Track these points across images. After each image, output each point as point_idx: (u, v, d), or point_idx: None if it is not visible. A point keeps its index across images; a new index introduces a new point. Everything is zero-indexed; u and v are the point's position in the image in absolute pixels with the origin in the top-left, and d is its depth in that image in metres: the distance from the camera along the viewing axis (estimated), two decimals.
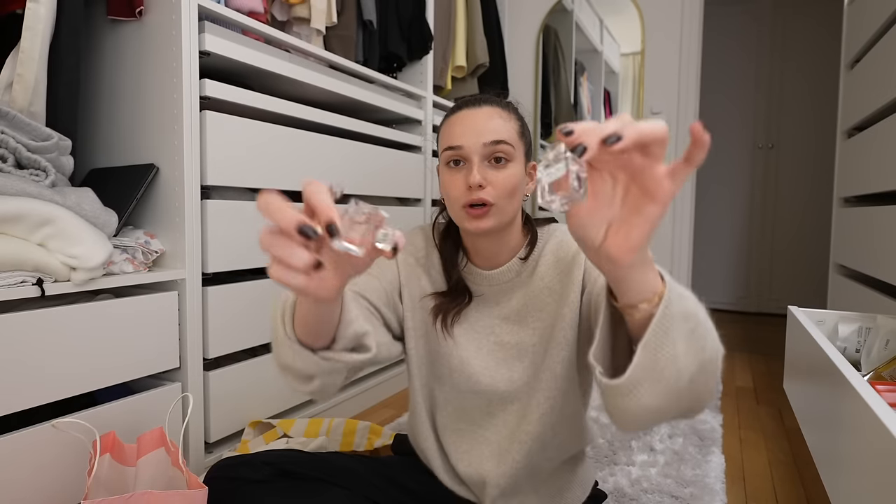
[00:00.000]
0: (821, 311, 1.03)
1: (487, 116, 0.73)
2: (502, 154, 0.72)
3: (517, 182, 0.73)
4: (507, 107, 0.76)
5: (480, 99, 0.76)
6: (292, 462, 0.84)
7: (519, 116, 0.78)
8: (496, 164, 0.73)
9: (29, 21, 0.97)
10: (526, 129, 0.79)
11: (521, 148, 0.75)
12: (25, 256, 0.87)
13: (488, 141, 0.71)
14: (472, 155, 0.72)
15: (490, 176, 0.72)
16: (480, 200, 0.71)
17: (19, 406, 0.86)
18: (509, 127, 0.74)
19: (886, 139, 1.20)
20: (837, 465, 0.67)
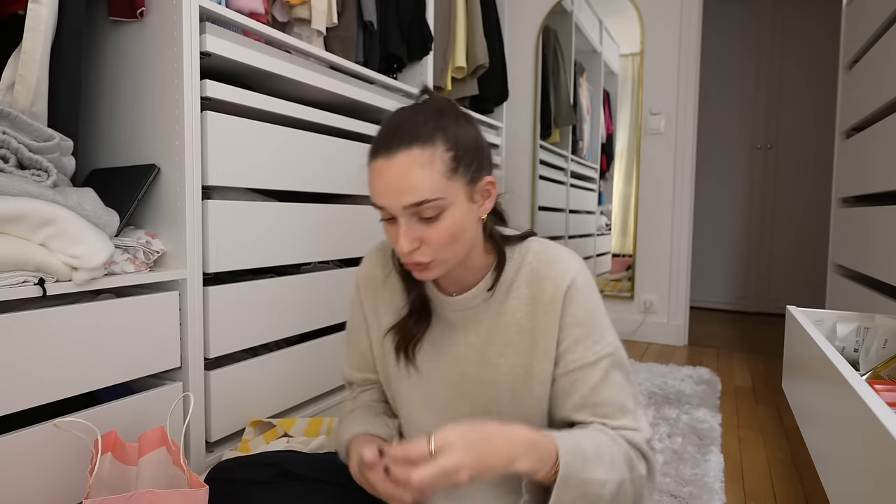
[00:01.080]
0: (819, 310, 1.04)
1: (403, 171, 0.62)
2: (429, 210, 0.63)
3: (456, 229, 0.65)
4: (428, 142, 0.63)
5: (395, 141, 0.63)
6: (293, 463, 0.84)
7: (450, 144, 0.64)
8: (427, 221, 0.64)
9: (30, 22, 0.98)
10: (464, 152, 0.65)
11: (458, 184, 0.64)
12: (27, 256, 0.88)
13: (408, 203, 0.62)
14: (395, 214, 0.64)
15: (422, 234, 0.64)
16: (417, 262, 0.66)
17: (21, 405, 0.86)
18: (432, 174, 0.62)
19: (885, 140, 1.20)
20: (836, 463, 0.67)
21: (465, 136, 0.66)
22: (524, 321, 0.71)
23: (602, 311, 0.71)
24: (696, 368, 2.01)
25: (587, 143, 2.72)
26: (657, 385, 1.80)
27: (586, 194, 2.75)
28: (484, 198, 0.70)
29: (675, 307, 2.48)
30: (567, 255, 0.73)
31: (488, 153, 0.71)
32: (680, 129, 2.43)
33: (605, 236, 2.70)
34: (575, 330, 0.68)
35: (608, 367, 0.68)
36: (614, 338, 0.71)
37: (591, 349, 0.68)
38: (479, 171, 0.68)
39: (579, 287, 0.69)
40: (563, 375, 0.69)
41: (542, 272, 0.71)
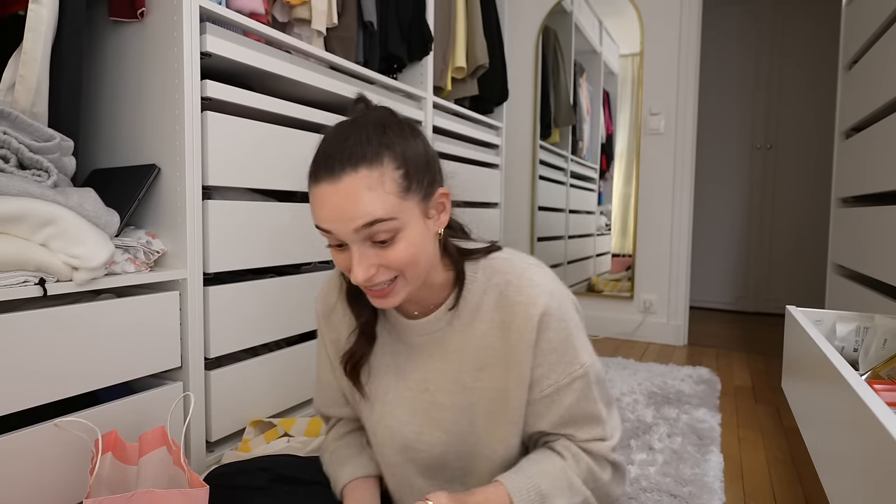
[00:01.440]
0: (819, 310, 1.04)
1: (350, 194, 0.57)
2: (382, 233, 0.58)
3: (415, 248, 0.60)
4: (376, 161, 0.58)
5: (338, 163, 0.58)
6: (288, 467, 0.84)
7: (398, 161, 0.59)
8: (381, 244, 0.59)
9: (31, 22, 0.98)
10: (415, 168, 0.61)
11: (411, 203, 0.60)
12: (28, 256, 0.88)
13: (359, 226, 0.57)
14: (345, 240, 0.59)
15: (378, 258, 0.60)
16: (378, 289, 0.61)
17: (22, 405, 0.86)
18: (383, 195, 0.57)
19: (884, 140, 1.20)
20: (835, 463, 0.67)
21: (413, 150, 0.61)
22: (497, 345, 0.68)
23: (577, 329, 0.69)
24: (696, 368, 2.01)
25: (587, 144, 2.72)
26: (657, 385, 1.80)
27: (586, 194, 2.75)
28: (439, 211, 0.66)
29: (675, 307, 2.48)
30: (537, 275, 0.67)
31: (439, 164, 0.67)
32: (680, 130, 2.43)
33: (604, 236, 2.71)
34: (549, 356, 0.67)
35: (582, 386, 0.68)
36: (589, 356, 0.70)
37: (564, 372, 0.67)
38: (432, 185, 0.64)
39: (553, 313, 0.66)
40: (538, 399, 0.68)
41: (512, 296, 0.66)
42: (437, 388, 0.71)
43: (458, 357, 0.70)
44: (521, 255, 0.72)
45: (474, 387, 0.69)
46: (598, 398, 0.70)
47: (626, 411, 1.56)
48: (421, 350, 0.72)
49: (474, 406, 0.70)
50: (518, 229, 2.81)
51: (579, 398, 0.68)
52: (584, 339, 0.70)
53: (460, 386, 0.70)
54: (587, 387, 0.69)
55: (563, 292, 0.69)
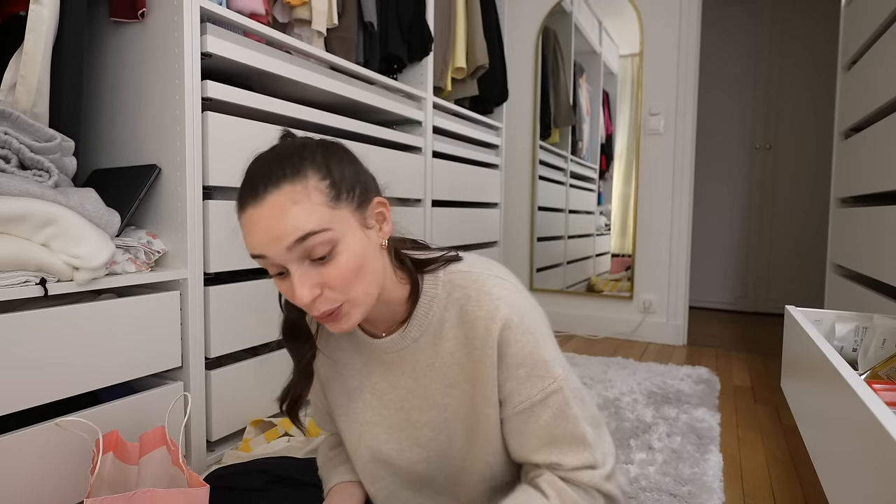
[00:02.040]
0: (818, 310, 1.04)
1: (276, 212, 0.54)
2: (319, 246, 0.55)
3: (357, 262, 0.57)
4: (298, 175, 0.56)
5: (260, 185, 0.56)
6: (286, 469, 0.85)
7: (322, 172, 0.57)
8: (321, 261, 0.56)
9: (32, 23, 0.98)
10: (341, 176, 0.58)
11: (344, 212, 0.57)
12: (29, 256, 0.88)
13: (291, 243, 0.54)
14: (283, 263, 0.56)
15: (319, 277, 0.57)
16: (325, 312, 0.58)
17: (23, 405, 0.86)
18: (311, 206, 0.55)
19: (883, 140, 1.21)
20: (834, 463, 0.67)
21: (337, 163, 0.59)
22: (463, 362, 0.65)
23: (545, 341, 0.64)
24: (696, 368, 2.01)
25: (587, 144, 2.72)
26: (656, 385, 1.80)
27: (586, 194, 2.75)
28: (379, 221, 0.63)
29: (675, 307, 2.49)
30: (497, 287, 0.64)
31: (372, 178, 0.64)
32: (679, 130, 2.44)
33: (604, 236, 2.71)
34: (517, 371, 0.62)
35: (559, 402, 0.62)
36: (561, 368, 0.64)
37: (536, 387, 0.62)
38: (365, 194, 0.60)
39: (514, 326, 0.62)
40: (512, 416, 0.64)
41: (472, 311, 0.63)
42: (412, 406, 0.68)
43: (428, 374, 0.67)
44: (483, 265, 0.68)
45: (446, 404, 0.67)
46: (580, 417, 0.64)
47: (626, 411, 1.56)
48: (393, 368, 0.69)
49: (448, 423, 0.67)
50: (518, 229, 2.81)
51: (557, 416, 0.62)
52: (554, 352, 0.65)
53: (432, 403, 0.67)
54: (564, 403, 0.63)
55: (526, 303, 0.65)
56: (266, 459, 0.88)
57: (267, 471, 0.83)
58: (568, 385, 0.64)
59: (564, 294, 2.74)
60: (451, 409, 0.67)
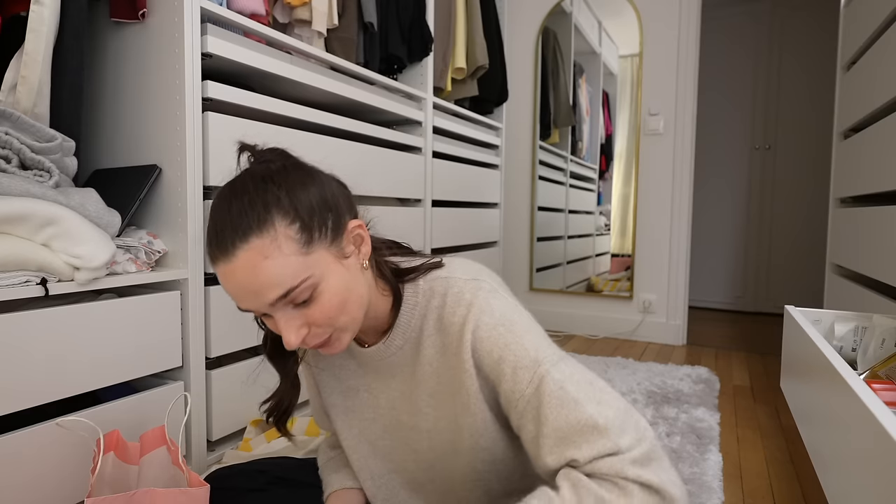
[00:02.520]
0: (817, 310, 1.04)
1: (250, 271, 0.53)
2: (301, 294, 0.55)
3: (340, 298, 0.57)
4: (264, 226, 0.53)
5: (227, 240, 0.53)
6: (286, 469, 0.85)
7: (290, 216, 0.54)
8: (304, 304, 0.56)
9: (33, 23, 0.98)
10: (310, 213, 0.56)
11: (319, 253, 0.56)
12: (29, 256, 0.88)
13: (273, 300, 0.54)
14: (265, 312, 0.56)
15: (304, 318, 0.57)
16: (315, 345, 0.59)
17: (24, 404, 0.86)
18: (284, 260, 0.53)
19: (882, 140, 1.21)
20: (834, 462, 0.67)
21: (304, 196, 0.56)
22: (441, 370, 0.63)
23: (522, 329, 0.59)
24: (695, 368, 2.01)
25: (586, 144, 2.72)
26: (656, 384, 1.80)
27: (585, 194, 2.75)
28: (357, 244, 0.61)
29: (674, 307, 2.49)
30: (470, 292, 0.61)
31: (343, 198, 0.61)
32: (679, 130, 2.44)
33: (604, 236, 2.71)
34: (502, 367, 0.58)
35: (553, 388, 0.56)
36: (546, 352, 0.58)
37: (525, 379, 0.57)
38: (338, 223, 0.58)
39: (484, 325, 0.59)
40: (520, 419, 0.58)
41: (447, 318, 0.62)
42: (402, 409, 0.68)
43: (413, 382, 0.67)
44: (462, 269, 0.65)
45: (427, 413, 0.66)
46: (584, 399, 0.55)
47: None
48: (384, 373, 0.69)
49: (431, 433, 0.66)
50: (518, 229, 2.82)
51: (556, 405, 0.55)
52: (535, 339, 0.59)
53: (417, 410, 0.67)
54: (559, 388, 0.56)
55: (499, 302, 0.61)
56: (266, 460, 0.88)
57: (267, 471, 0.83)
58: (559, 368, 0.57)
59: (564, 294, 2.75)
60: (432, 420, 0.66)
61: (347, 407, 0.74)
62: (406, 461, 0.70)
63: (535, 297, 2.78)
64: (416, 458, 0.69)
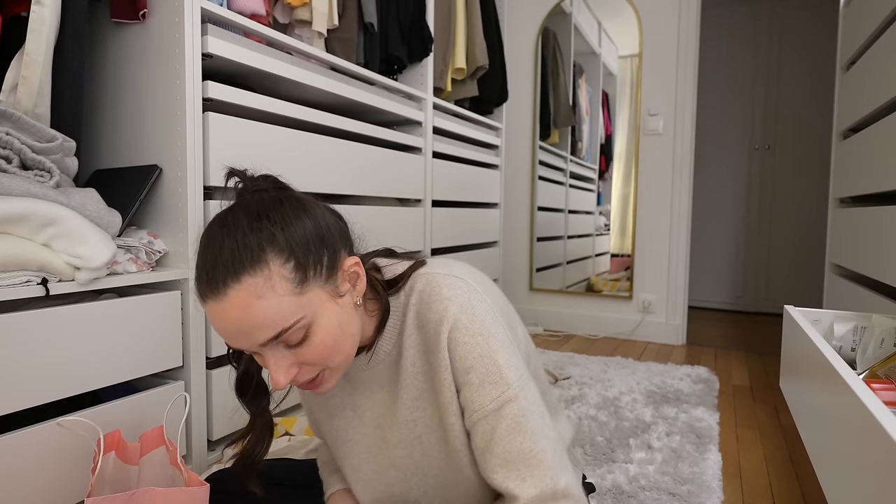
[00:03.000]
0: (817, 310, 1.04)
1: (241, 311, 0.51)
2: (293, 335, 0.54)
3: (333, 337, 0.56)
4: (258, 265, 0.51)
5: (219, 278, 0.51)
6: (282, 471, 0.85)
7: (284, 254, 0.53)
8: (295, 346, 0.55)
9: (33, 24, 0.98)
10: (305, 251, 0.54)
11: (313, 292, 0.54)
12: (30, 256, 0.88)
13: (264, 341, 0.53)
14: (258, 352, 0.55)
15: (295, 357, 0.55)
16: (305, 383, 0.58)
17: (24, 404, 0.87)
18: (277, 300, 0.52)
19: (881, 141, 1.21)
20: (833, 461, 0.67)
21: (300, 232, 0.54)
22: (425, 369, 0.62)
23: (498, 344, 0.59)
24: (695, 367, 2.02)
25: (586, 144, 2.73)
26: (655, 384, 1.81)
27: (585, 195, 2.76)
28: (353, 281, 0.59)
29: (674, 307, 2.49)
30: (449, 288, 0.61)
31: (337, 230, 0.59)
32: (678, 130, 2.44)
33: (603, 236, 2.71)
34: (469, 376, 0.58)
35: (515, 413, 0.57)
36: (517, 375, 0.59)
37: (490, 395, 0.58)
38: (334, 260, 0.57)
39: (462, 328, 0.58)
40: (470, 428, 0.60)
41: (425, 314, 0.61)
42: (387, 425, 0.66)
43: (398, 389, 0.65)
44: (442, 266, 0.65)
45: (415, 419, 0.64)
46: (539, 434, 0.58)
47: (625, 410, 1.57)
48: (370, 385, 0.67)
49: (422, 439, 0.64)
50: (518, 229, 2.82)
51: (512, 429, 0.57)
52: (509, 357, 0.59)
53: (402, 420, 0.65)
54: (521, 415, 0.57)
55: (480, 303, 0.60)
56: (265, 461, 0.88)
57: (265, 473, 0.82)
58: (525, 395, 0.59)
59: (564, 294, 2.75)
60: (421, 424, 0.64)
61: (332, 426, 0.72)
62: (389, 483, 0.68)
63: (535, 297, 2.79)
64: (402, 476, 0.67)
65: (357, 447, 0.69)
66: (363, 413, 0.69)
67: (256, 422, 0.66)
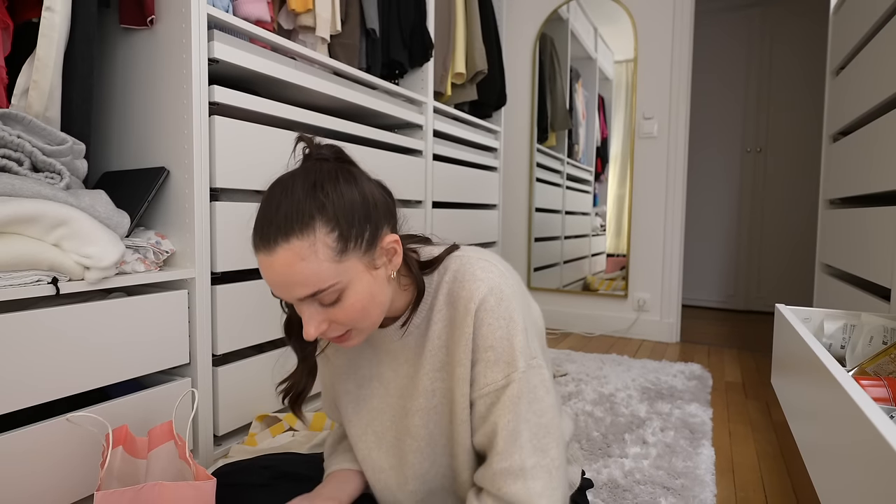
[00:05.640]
0: (807, 308, 1.06)
1: (286, 267, 0.57)
2: (327, 296, 0.59)
3: (363, 304, 0.61)
4: (306, 230, 0.57)
5: (271, 234, 0.57)
6: (289, 464, 0.86)
7: (331, 224, 0.58)
8: (328, 305, 0.60)
9: (44, 29, 1.00)
10: (350, 224, 0.59)
11: (351, 262, 0.59)
12: (41, 256, 0.90)
13: (302, 297, 0.59)
14: (296, 304, 0.61)
15: (328, 315, 0.61)
16: (332, 339, 0.64)
17: (35, 400, 0.88)
18: (317, 264, 0.57)
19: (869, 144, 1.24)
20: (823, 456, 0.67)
21: (348, 204, 0.59)
22: (449, 343, 0.67)
23: (518, 329, 0.64)
24: (688, 364, 2.04)
25: (582, 147, 2.76)
26: (650, 381, 1.84)
27: (582, 196, 2.79)
28: (390, 256, 0.64)
29: (668, 305, 2.52)
30: (483, 270, 0.66)
31: (384, 207, 0.64)
32: (672, 133, 2.48)
33: (599, 237, 2.74)
34: (487, 353, 0.63)
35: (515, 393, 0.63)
36: (527, 358, 0.64)
37: (502, 372, 0.63)
38: (375, 235, 0.62)
39: (489, 308, 0.63)
40: (478, 399, 0.65)
41: (457, 291, 0.66)
42: (408, 394, 0.70)
43: (422, 360, 0.69)
44: (477, 252, 0.70)
45: (434, 388, 0.68)
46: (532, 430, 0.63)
47: (621, 406, 1.59)
48: (398, 356, 0.72)
49: (437, 408, 0.68)
50: (516, 230, 2.85)
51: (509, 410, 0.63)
52: (526, 343, 0.64)
53: (423, 389, 0.69)
54: (521, 398, 0.63)
55: (508, 288, 0.65)
56: (270, 455, 0.89)
57: (271, 466, 0.84)
58: (529, 378, 0.63)
59: (561, 293, 2.78)
60: (439, 394, 0.69)
61: (359, 395, 0.76)
62: (404, 451, 0.72)
63: (533, 296, 2.78)
64: (416, 445, 0.71)
65: (382, 416, 0.74)
66: (388, 384, 0.73)
67: (301, 363, 0.72)
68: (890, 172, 1.08)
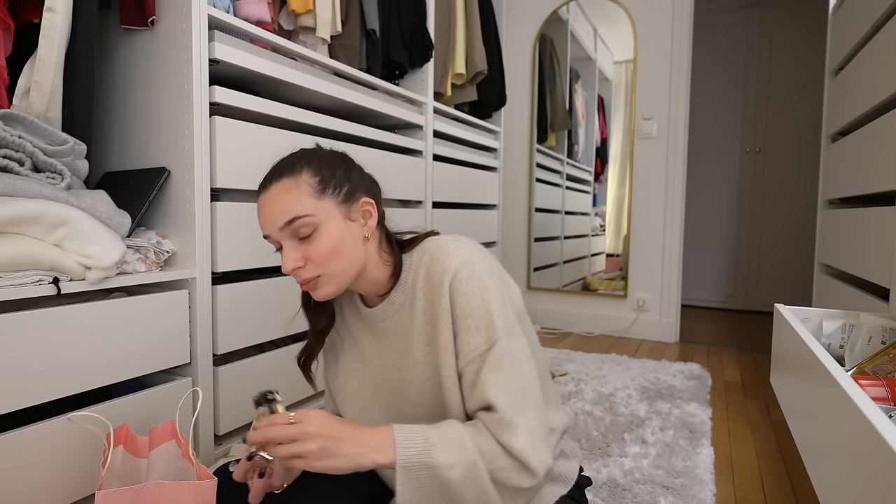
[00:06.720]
0: (806, 308, 1.06)
1: (275, 197, 0.69)
2: (303, 227, 0.68)
3: (333, 244, 0.69)
4: (294, 172, 0.70)
5: (270, 178, 0.71)
6: None
7: (314, 171, 0.70)
8: (304, 239, 0.69)
9: (45, 30, 1.00)
10: (331, 175, 0.71)
11: (328, 203, 0.70)
12: (42, 256, 0.90)
13: (282, 224, 0.68)
14: (279, 240, 0.70)
15: (303, 251, 0.69)
16: (305, 280, 0.71)
17: (36, 400, 0.89)
18: (299, 195, 0.68)
19: (868, 144, 1.24)
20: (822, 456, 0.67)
21: (332, 164, 0.72)
22: (433, 318, 0.72)
23: (492, 296, 0.69)
24: (688, 364, 2.05)
25: (582, 147, 2.76)
26: (650, 380, 1.84)
27: (581, 196, 2.79)
28: (365, 217, 0.74)
29: (667, 305, 2.53)
30: (455, 247, 0.73)
31: (366, 180, 0.76)
32: (671, 134, 2.48)
33: (599, 237, 2.75)
34: (467, 321, 0.69)
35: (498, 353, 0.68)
36: (504, 322, 0.69)
37: (483, 336, 0.68)
38: (352, 193, 0.72)
39: (462, 279, 0.69)
40: (466, 367, 0.70)
41: (433, 268, 0.73)
42: (405, 367, 0.76)
43: (412, 336, 0.75)
44: (454, 236, 0.77)
45: (426, 361, 0.74)
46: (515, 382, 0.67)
47: (620, 406, 1.60)
48: (389, 335, 0.78)
49: (431, 380, 0.74)
50: (516, 230, 2.85)
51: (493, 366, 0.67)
52: (501, 309, 0.69)
53: (415, 361, 0.75)
54: (501, 355, 0.68)
55: (479, 262, 0.71)
56: None
57: None
58: (510, 341, 0.69)
59: (561, 293, 2.78)
60: (431, 367, 0.73)
61: (364, 373, 0.82)
62: (409, 419, 0.78)
63: (533, 296, 2.82)
64: (416, 413, 0.77)
65: (383, 390, 0.80)
66: (386, 361, 0.79)
67: (314, 331, 0.82)
68: (889, 172, 1.09)
